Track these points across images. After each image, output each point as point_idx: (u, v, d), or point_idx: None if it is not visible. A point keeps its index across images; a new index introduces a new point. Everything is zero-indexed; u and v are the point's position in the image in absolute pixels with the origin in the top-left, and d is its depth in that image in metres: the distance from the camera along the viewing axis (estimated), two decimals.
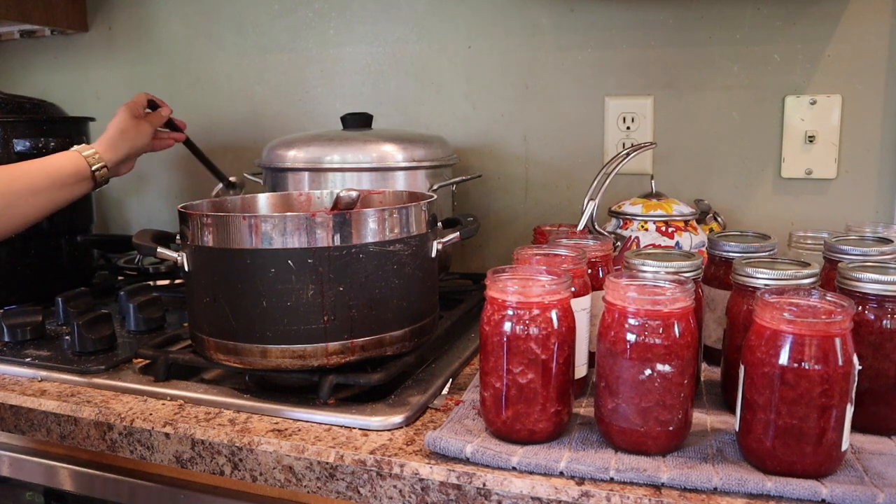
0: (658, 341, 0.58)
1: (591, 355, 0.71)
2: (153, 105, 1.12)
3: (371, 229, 0.72)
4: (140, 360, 0.86)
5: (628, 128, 1.18)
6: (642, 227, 0.97)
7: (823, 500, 0.53)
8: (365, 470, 0.62)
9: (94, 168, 0.96)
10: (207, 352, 0.76)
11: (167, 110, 1.12)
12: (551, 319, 0.61)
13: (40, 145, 1.09)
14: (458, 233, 0.82)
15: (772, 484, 0.54)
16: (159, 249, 0.77)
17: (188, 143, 1.17)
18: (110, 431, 0.73)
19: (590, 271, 0.74)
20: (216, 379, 0.85)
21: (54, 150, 0.99)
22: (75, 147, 0.98)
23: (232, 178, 1.22)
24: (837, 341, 0.54)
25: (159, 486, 0.75)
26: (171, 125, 1.14)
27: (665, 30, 1.14)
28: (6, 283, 1.09)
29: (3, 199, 0.88)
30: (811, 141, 1.09)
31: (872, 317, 0.62)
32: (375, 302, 0.73)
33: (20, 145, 1.08)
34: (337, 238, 0.71)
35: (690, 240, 0.96)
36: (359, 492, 0.63)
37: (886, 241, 0.75)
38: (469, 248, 1.31)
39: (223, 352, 0.74)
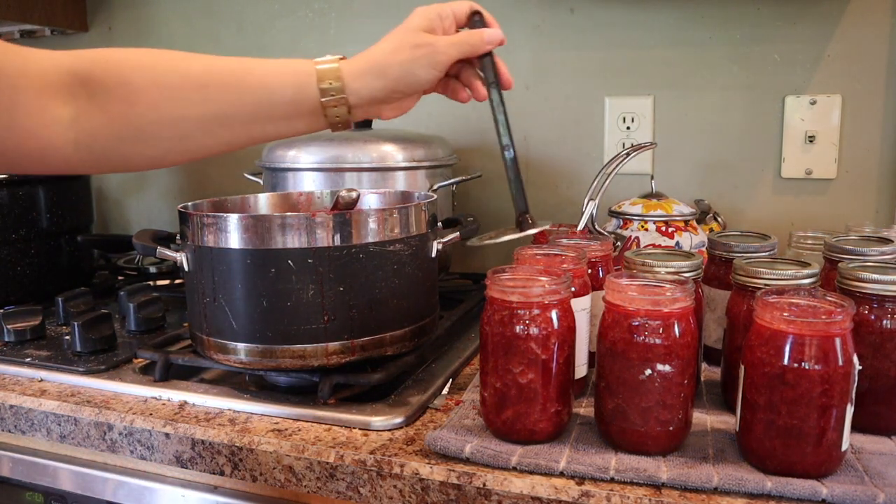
0: (658, 341, 0.58)
1: (591, 355, 0.71)
2: (477, 23, 0.71)
3: (371, 229, 0.72)
4: (140, 360, 0.86)
5: (628, 128, 1.18)
6: (642, 227, 0.97)
7: (823, 500, 0.53)
8: (365, 470, 0.62)
9: (324, 99, 0.64)
10: (207, 352, 0.76)
11: (495, 34, 0.70)
12: (551, 319, 0.60)
13: None
14: (458, 233, 0.82)
15: (772, 484, 0.54)
16: (159, 249, 0.77)
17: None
18: (110, 431, 0.73)
19: (590, 271, 0.74)
20: (216, 379, 0.85)
21: None
22: (317, 60, 0.65)
23: (530, 221, 0.73)
24: (837, 341, 0.54)
25: (159, 485, 0.75)
26: (491, 70, 0.72)
27: (665, 30, 1.14)
28: (6, 283, 1.09)
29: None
30: (811, 141, 1.09)
31: (872, 317, 0.62)
32: (375, 302, 0.73)
33: None
34: (337, 238, 0.71)
35: (690, 240, 0.96)
36: (359, 492, 0.63)
37: (886, 241, 0.74)
38: (469, 248, 1.31)
39: (223, 352, 0.74)
